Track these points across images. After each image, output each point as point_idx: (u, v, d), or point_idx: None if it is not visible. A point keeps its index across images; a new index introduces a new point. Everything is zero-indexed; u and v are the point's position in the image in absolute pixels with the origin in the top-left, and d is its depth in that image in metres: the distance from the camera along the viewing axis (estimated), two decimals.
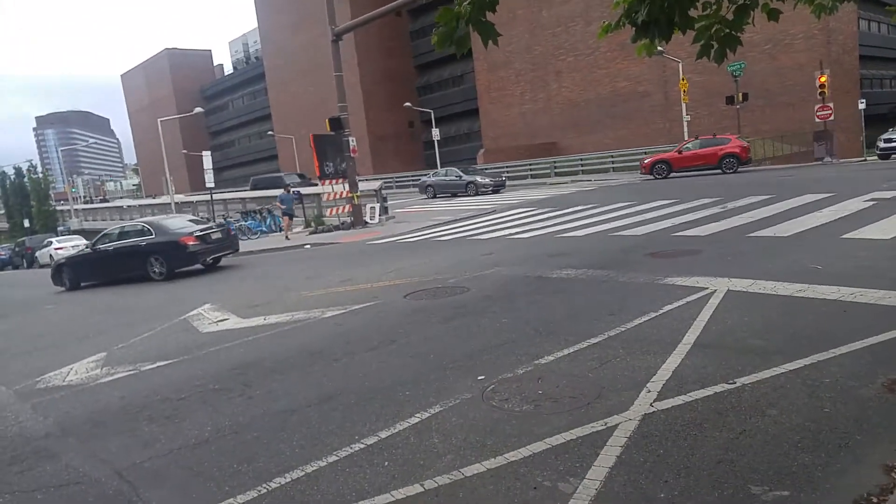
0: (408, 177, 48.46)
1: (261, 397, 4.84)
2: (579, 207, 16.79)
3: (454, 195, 30.36)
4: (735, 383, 3.97)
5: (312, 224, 21.46)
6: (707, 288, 6.41)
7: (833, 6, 4.14)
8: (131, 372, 6.12)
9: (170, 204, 33.06)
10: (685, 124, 32.09)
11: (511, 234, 13.10)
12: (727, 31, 3.69)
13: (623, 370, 4.41)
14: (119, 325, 8.85)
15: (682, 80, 31.62)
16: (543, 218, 15.46)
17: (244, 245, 18.82)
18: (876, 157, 28.43)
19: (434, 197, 31.63)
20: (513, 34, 47.59)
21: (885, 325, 4.73)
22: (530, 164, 40.01)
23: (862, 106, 34.67)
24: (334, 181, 20.57)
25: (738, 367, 4.22)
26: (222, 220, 20.94)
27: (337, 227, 19.92)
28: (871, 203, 11.17)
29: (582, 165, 37.83)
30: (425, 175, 36.86)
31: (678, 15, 3.43)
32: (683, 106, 31.96)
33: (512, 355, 5.00)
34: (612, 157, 37.18)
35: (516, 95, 49.16)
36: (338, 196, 21.01)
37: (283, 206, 20.07)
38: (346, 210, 20.89)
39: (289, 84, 67.88)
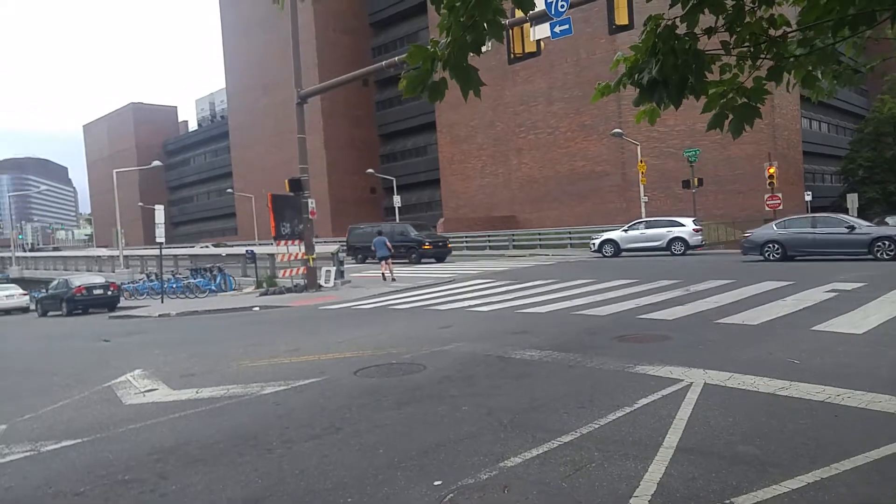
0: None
1: (175, 495, 4.03)
2: (540, 282, 16.47)
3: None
4: (732, 503, 3.42)
5: (264, 285, 20.53)
6: (682, 380, 5.95)
7: (832, 91, 3.91)
8: (28, 453, 5.17)
9: (118, 256, 31.54)
10: (643, 205, 32.82)
11: (470, 307, 12.57)
12: (744, 100, 3.34)
13: (601, 479, 3.82)
14: (34, 391, 7.78)
15: (641, 162, 32.58)
16: (503, 291, 15.04)
17: (190, 304, 17.76)
18: None
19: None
20: (476, 110, 48.86)
21: (883, 434, 4.30)
22: (489, 236, 40.11)
23: (808, 198, 36.31)
24: (290, 242, 19.87)
25: (733, 482, 3.69)
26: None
27: (289, 290, 19.05)
28: (834, 294, 11.12)
29: (540, 240, 38.08)
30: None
31: (694, 75, 3.07)
32: (641, 187, 32.79)
33: (474, 454, 4.35)
34: (570, 233, 37.60)
35: (477, 168, 49.97)
36: (293, 257, 20.26)
37: (377, 251, 21.00)
38: (300, 272, 20.10)
39: (252, 144, 67.72)
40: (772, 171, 30.88)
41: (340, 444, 4.72)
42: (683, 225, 25.87)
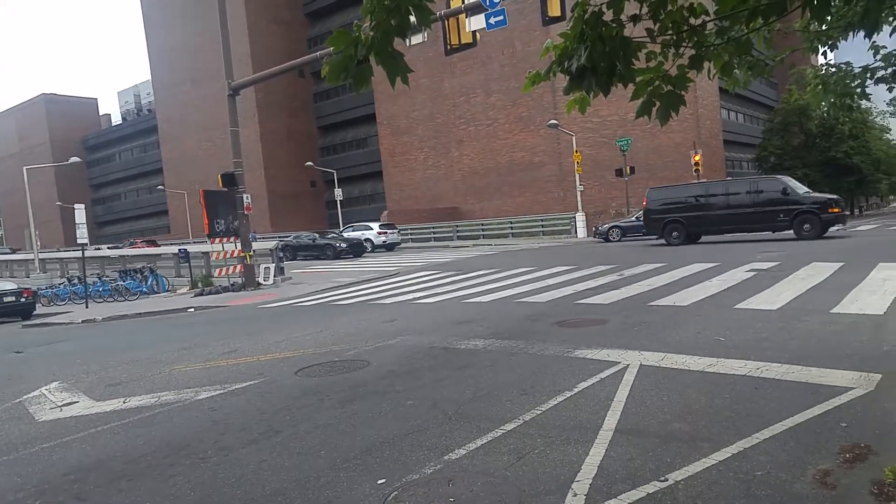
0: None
1: None
2: (483, 272, 16.63)
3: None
4: (667, 480, 3.56)
5: (199, 285, 19.88)
6: (619, 362, 6.13)
7: (746, 80, 4.09)
8: None
9: (32, 259, 29.78)
10: (579, 194, 33.59)
11: (415, 299, 12.57)
12: (669, 88, 3.44)
13: (544, 466, 3.90)
14: None
15: (576, 152, 33.29)
16: (448, 282, 15.11)
17: (118, 308, 17.00)
18: None
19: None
20: (416, 102, 48.70)
21: (796, 403, 4.58)
22: (433, 227, 40.22)
23: None
24: (225, 240, 19.30)
25: (667, 459, 3.84)
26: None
27: (226, 289, 18.51)
28: (752, 273, 11.73)
29: (483, 230, 38.44)
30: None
31: (621, 62, 3.13)
32: (577, 176, 33.53)
33: (419, 449, 4.35)
34: (511, 223, 38.13)
35: (419, 160, 49.89)
36: (228, 255, 19.68)
37: None
38: (237, 270, 19.56)
39: (183, 138, 65.18)
40: (697, 158, 32.21)
41: (280, 448, 4.62)
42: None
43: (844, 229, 21.89)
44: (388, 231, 35.59)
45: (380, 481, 3.85)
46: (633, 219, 28.04)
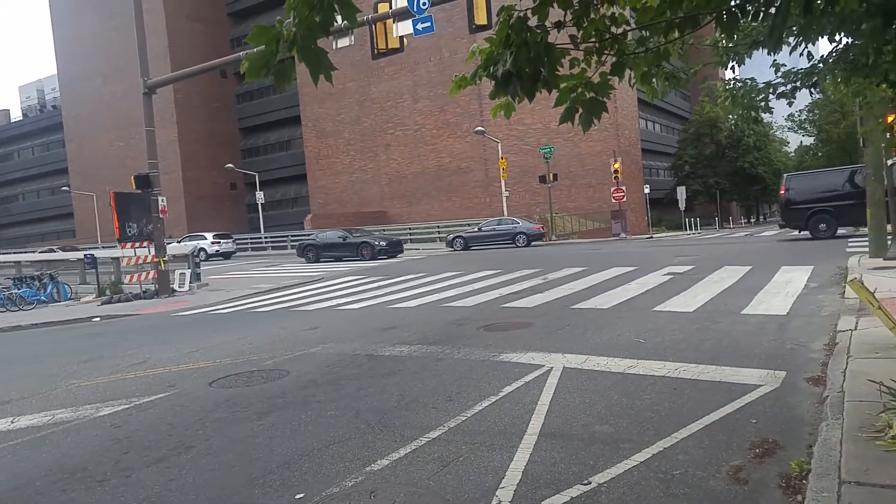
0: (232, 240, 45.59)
1: None
2: (409, 276, 16.52)
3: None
4: (590, 483, 3.56)
5: (108, 292, 18.65)
6: (543, 365, 6.18)
7: (664, 91, 4.21)
8: None
9: None
10: (504, 200, 34.13)
11: (339, 305, 12.29)
12: (592, 95, 3.47)
13: (468, 473, 3.83)
14: None
15: (501, 158, 33.83)
16: (374, 287, 14.89)
17: (11, 318, 15.68)
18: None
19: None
20: (342, 105, 48.09)
21: (711, 402, 4.74)
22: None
23: (647, 190, 39.81)
24: (137, 244, 18.23)
25: (590, 462, 3.86)
26: None
27: (137, 297, 17.47)
28: (669, 277, 12.24)
29: (410, 234, 38.36)
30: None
31: (546, 68, 3.11)
32: (503, 182, 34.06)
33: (340, 461, 4.18)
34: (438, 227, 38.26)
35: (346, 164, 49.24)
36: (141, 260, 18.61)
37: None
38: (149, 276, 18.51)
39: (93, 137, 61.41)
40: (617, 166, 33.49)
41: (190, 465, 4.32)
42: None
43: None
44: (223, 241, 36.03)
45: (298, 496, 3.66)
46: (476, 230, 30.24)
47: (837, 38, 3.91)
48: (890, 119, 6.37)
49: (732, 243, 21.80)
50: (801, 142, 65.23)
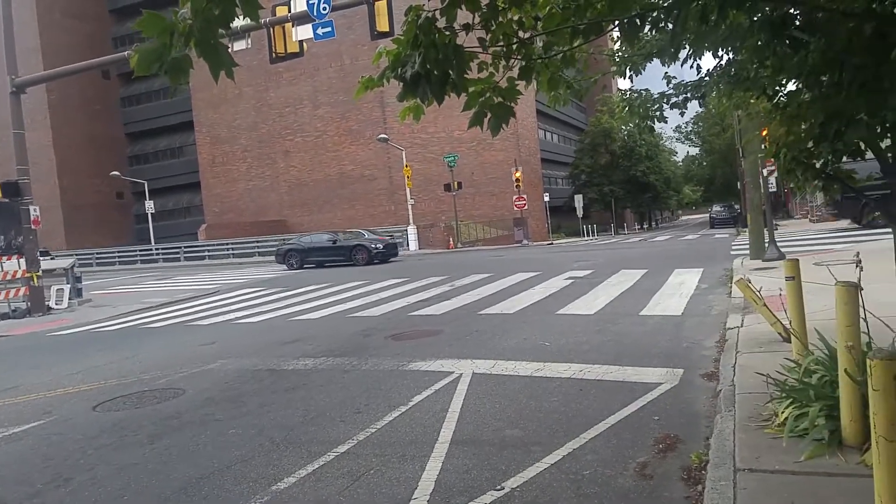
0: (117, 252, 42.56)
1: None
2: (313, 287, 16.07)
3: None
4: (503, 489, 3.55)
5: None
6: (453, 372, 6.16)
7: (566, 98, 4.33)
8: None
9: None
10: (409, 207, 34.18)
11: (238, 319, 11.70)
12: (500, 99, 3.47)
13: (380, 486, 3.71)
14: None
15: (406, 166, 33.88)
16: (275, 299, 14.34)
17: None
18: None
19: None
20: (239, 110, 46.35)
21: (616, 401, 4.91)
22: (258, 242, 38.18)
23: (547, 198, 41.33)
24: (5, 258, 16.51)
25: (502, 467, 3.85)
26: None
27: (6, 316, 15.80)
28: (570, 281, 12.69)
29: None
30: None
31: (455, 70, 3.07)
32: (407, 190, 34.10)
33: (242, 481, 3.93)
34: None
35: (242, 171, 47.38)
36: (10, 276, 16.86)
37: None
38: (20, 293, 16.80)
39: None
40: (518, 175, 34.52)
41: (70, 499, 3.89)
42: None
43: None
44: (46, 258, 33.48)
45: None
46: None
47: (720, 53, 4.20)
48: (765, 132, 6.94)
49: (629, 248, 23.01)
50: (688, 152, 70.66)
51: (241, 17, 2.79)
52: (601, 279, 12.49)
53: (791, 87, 4.09)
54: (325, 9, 14.49)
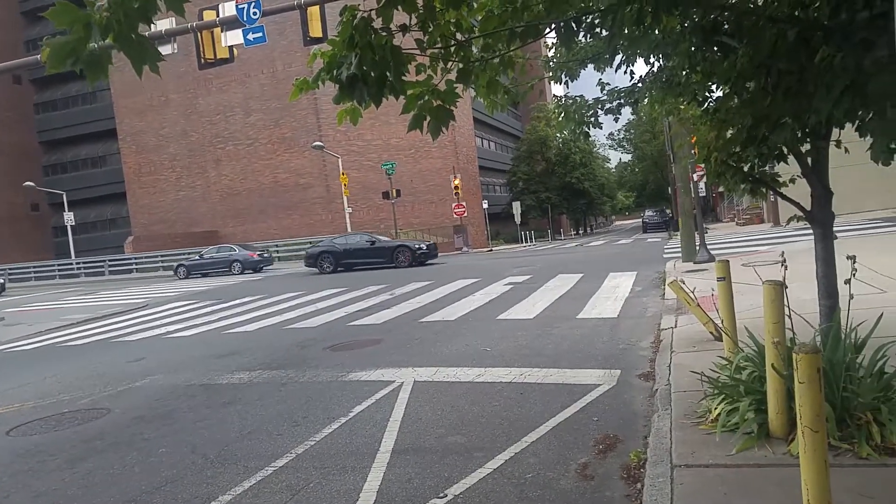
0: (33, 267, 40.04)
1: None
2: (248, 298, 15.59)
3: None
4: (446, 496, 3.51)
5: None
6: (394, 381, 6.08)
7: (504, 104, 4.36)
8: None
9: None
10: (347, 216, 33.78)
11: (169, 333, 11.19)
12: (439, 102, 3.43)
13: (320, 499, 3.60)
14: None
15: (343, 174, 33.49)
16: (208, 311, 13.81)
17: None
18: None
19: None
20: (166, 118, 44.64)
21: (556, 404, 4.96)
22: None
23: (486, 205, 41.77)
24: None
25: (445, 474, 3.81)
26: None
27: None
28: (510, 287, 12.83)
29: None
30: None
31: (392, 72, 3.01)
32: (345, 199, 33.71)
33: (174, 502, 3.72)
34: (277, 246, 36.80)
35: (171, 181, 45.53)
36: None
37: None
38: None
39: None
40: (457, 182, 34.73)
41: None
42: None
43: None
44: None
45: None
46: (197, 257, 30.39)
47: (652, 60, 4.34)
48: (694, 139, 7.25)
49: (566, 253, 23.52)
50: (621, 158, 73.25)
51: (164, 9, 2.64)
52: (540, 284, 12.68)
53: (720, 92, 4.27)
54: (255, 14, 14.16)
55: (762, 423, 3.53)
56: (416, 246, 23.47)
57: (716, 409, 3.83)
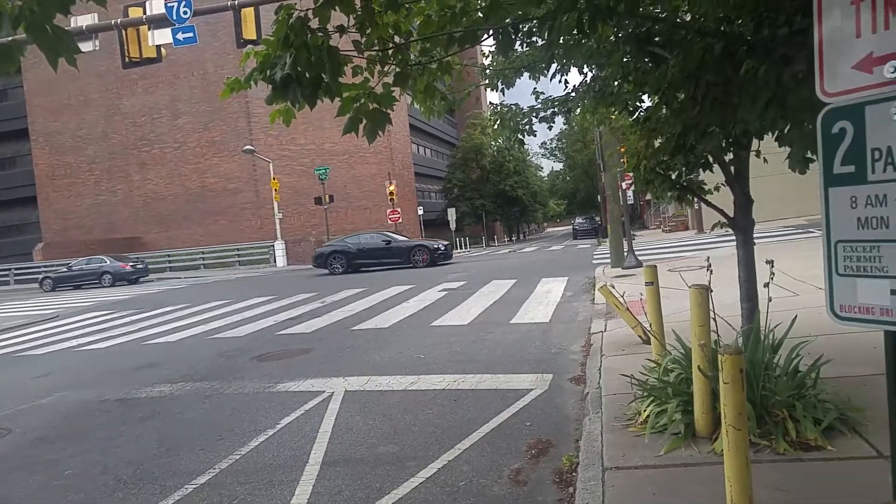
0: None
1: None
2: (169, 308, 14.87)
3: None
4: None
5: None
6: (324, 391, 5.90)
7: (440, 110, 4.31)
8: None
9: None
10: (277, 222, 32.97)
11: (82, 345, 10.50)
12: (375, 105, 3.34)
13: None
14: None
15: (273, 179, 32.69)
16: (125, 322, 13.07)
17: None
18: None
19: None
20: (85, 118, 42.27)
21: (490, 409, 4.93)
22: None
23: (421, 212, 41.78)
24: None
25: (377, 485, 3.70)
26: None
27: None
28: (445, 293, 12.80)
29: (170, 262, 34.98)
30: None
31: (328, 74, 2.89)
32: (275, 204, 32.89)
33: None
34: (203, 253, 35.49)
35: (90, 185, 43.06)
36: None
37: None
38: None
39: None
40: (392, 188, 34.56)
41: None
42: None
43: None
44: None
45: None
46: (65, 269, 29.76)
47: (586, 70, 4.42)
48: (624, 148, 7.46)
49: (500, 259, 23.76)
50: (553, 167, 74.94)
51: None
52: (474, 290, 12.72)
53: (650, 102, 4.39)
54: (185, 13, 13.58)
55: (689, 424, 3.62)
56: (435, 245, 22.87)
57: (645, 411, 3.89)
